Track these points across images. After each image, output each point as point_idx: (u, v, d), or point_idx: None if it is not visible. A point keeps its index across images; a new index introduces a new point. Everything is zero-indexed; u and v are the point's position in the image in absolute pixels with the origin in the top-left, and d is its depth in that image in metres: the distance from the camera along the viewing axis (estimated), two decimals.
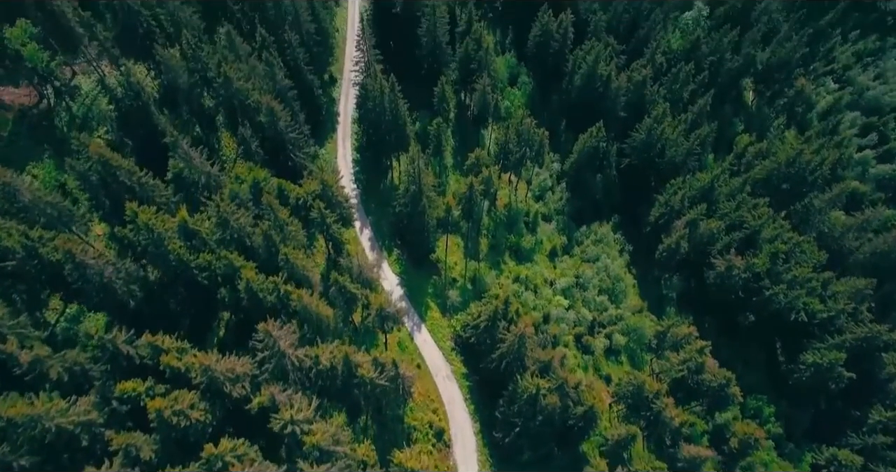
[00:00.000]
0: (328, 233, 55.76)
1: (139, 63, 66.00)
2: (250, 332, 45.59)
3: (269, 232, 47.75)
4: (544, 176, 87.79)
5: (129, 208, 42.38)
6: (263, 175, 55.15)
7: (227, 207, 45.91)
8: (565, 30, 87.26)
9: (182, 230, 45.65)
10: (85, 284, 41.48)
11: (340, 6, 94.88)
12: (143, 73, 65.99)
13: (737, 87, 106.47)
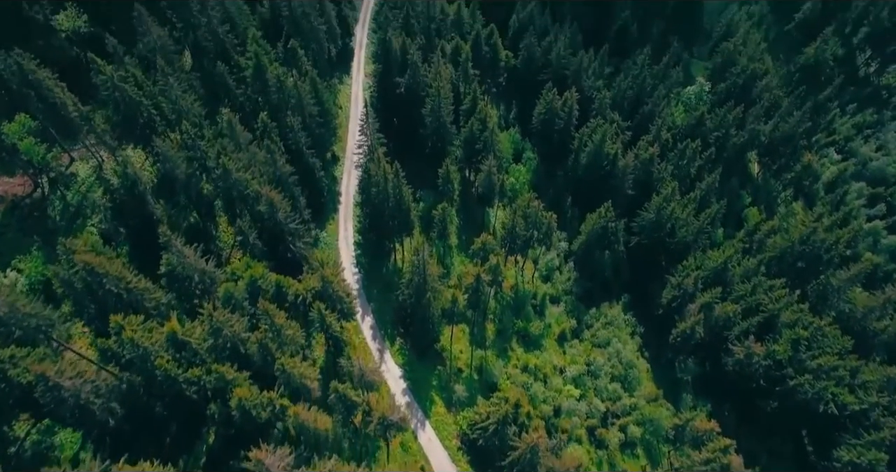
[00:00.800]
0: (328, 333, 52.37)
1: (138, 148, 64.55)
2: (240, 448, 41.57)
3: (265, 341, 44.44)
4: (551, 256, 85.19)
5: (114, 321, 39.27)
6: (261, 271, 52.31)
7: (221, 315, 42.75)
8: (570, 108, 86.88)
9: (171, 339, 42.31)
10: (59, 405, 37.82)
11: (344, 83, 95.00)
12: (140, 159, 64.43)
13: (742, 160, 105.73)
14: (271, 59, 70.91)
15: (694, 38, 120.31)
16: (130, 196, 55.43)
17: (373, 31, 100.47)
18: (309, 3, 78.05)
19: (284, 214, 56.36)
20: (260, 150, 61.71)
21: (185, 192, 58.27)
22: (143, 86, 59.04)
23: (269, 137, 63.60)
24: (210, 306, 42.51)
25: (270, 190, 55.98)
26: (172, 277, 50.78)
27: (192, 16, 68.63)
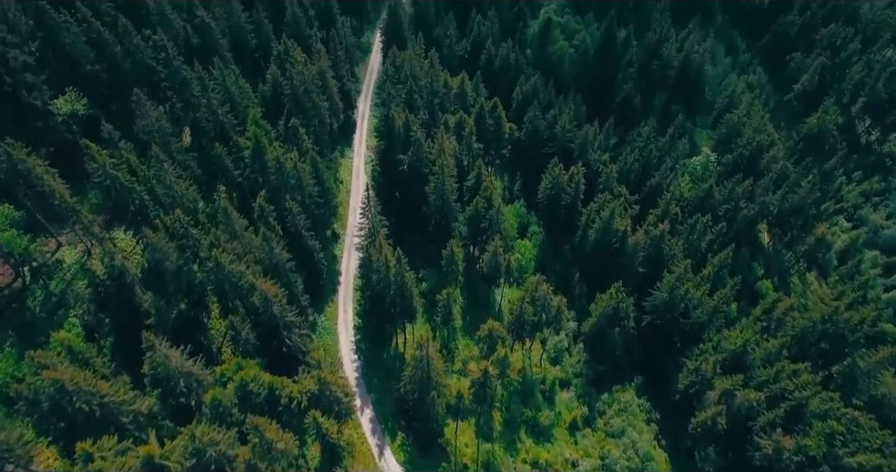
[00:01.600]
0: (325, 440, 47.84)
1: (129, 232, 61.78)
2: None
3: (254, 461, 40.04)
4: (560, 337, 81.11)
5: (81, 449, 35.11)
6: (253, 373, 48.32)
7: (205, 434, 38.54)
8: (577, 184, 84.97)
9: (147, 464, 37.91)
10: None
11: (346, 156, 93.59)
12: (131, 243, 61.58)
13: (752, 231, 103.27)
14: (271, 139, 69.27)
15: (697, 108, 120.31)
16: (117, 287, 52.29)
17: (375, 105, 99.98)
18: (311, 81, 77.19)
19: (280, 307, 52.89)
20: (256, 236, 58.96)
21: (174, 282, 55.04)
22: (136, 171, 56.89)
23: (266, 222, 61.11)
24: (192, 427, 38.35)
25: (265, 282, 52.77)
26: (156, 379, 46.90)
27: (193, 96, 67.45)
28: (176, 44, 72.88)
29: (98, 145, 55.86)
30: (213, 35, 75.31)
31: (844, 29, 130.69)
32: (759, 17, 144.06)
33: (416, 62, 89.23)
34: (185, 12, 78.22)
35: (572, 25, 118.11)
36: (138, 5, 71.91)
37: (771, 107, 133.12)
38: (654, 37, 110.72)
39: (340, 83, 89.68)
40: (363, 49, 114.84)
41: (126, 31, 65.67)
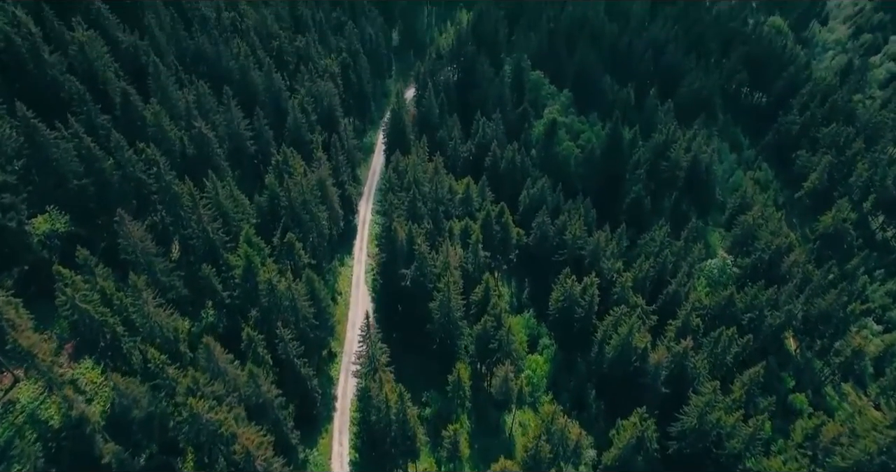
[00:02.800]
0: None
1: (98, 365, 55.40)
2: None
3: None
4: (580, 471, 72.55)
5: None
6: None
7: None
8: (591, 297, 79.52)
9: None
10: None
11: (345, 265, 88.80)
12: (98, 379, 55.03)
13: (778, 338, 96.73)
14: (265, 256, 64.65)
15: (708, 207, 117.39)
16: (73, 438, 45.45)
17: (377, 211, 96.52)
18: (310, 191, 73.74)
19: (264, 462, 45.69)
20: (243, 369, 52.69)
21: (144, 430, 48.17)
22: (112, 300, 51.51)
23: (254, 353, 55.08)
24: None
25: (248, 432, 45.95)
26: None
27: (183, 211, 63.42)
28: (170, 155, 70.24)
29: (72, 271, 50.91)
30: (209, 145, 72.74)
31: (845, 128, 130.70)
32: (760, 115, 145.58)
33: (420, 167, 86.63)
34: (183, 120, 76.24)
35: (577, 126, 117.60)
36: (134, 116, 69.58)
37: (780, 202, 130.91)
38: (661, 137, 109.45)
39: (341, 189, 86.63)
40: (366, 149, 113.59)
41: (118, 145, 62.69)
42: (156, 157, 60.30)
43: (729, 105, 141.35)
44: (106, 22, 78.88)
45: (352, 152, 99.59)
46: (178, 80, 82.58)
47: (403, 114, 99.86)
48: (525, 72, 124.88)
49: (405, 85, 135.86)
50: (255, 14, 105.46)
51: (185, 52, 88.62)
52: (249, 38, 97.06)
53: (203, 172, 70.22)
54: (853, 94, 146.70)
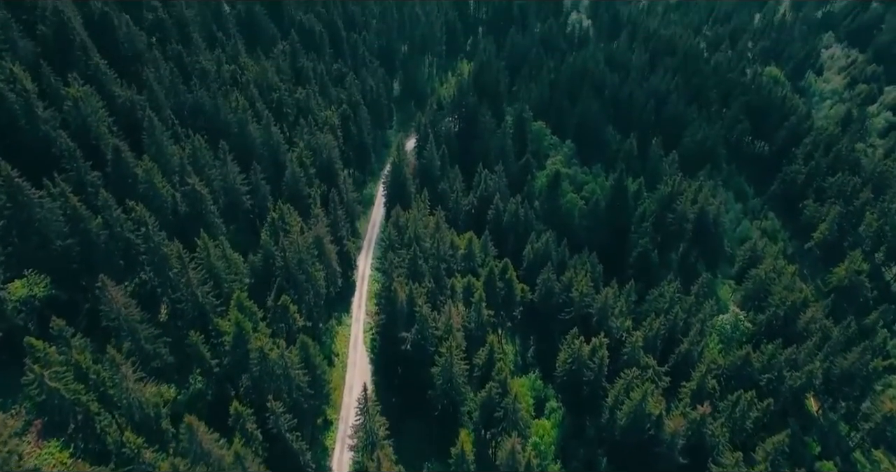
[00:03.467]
0: None
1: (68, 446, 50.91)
2: None
3: None
4: None
5: None
6: None
7: None
8: (601, 359, 75.36)
9: None
10: None
11: (343, 324, 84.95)
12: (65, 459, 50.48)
13: (799, 399, 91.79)
14: (257, 321, 61.09)
15: (716, 259, 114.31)
16: None
17: (376, 268, 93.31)
18: (307, 250, 70.77)
19: None
20: (228, 451, 48.31)
21: None
22: (88, 373, 47.66)
23: (243, 429, 50.85)
24: None
25: None
26: None
27: (172, 271, 60.19)
28: (162, 213, 67.68)
29: (46, 343, 47.29)
30: (202, 203, 70.22)
31: (851, 178, 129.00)
32: (764, 164, 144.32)
33: (421, 222, 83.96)
34: (177, 176, 73.99)
35: (580, 177, 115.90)
36: (126, 173, 67.29)
37: (789, 253, 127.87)
38: (667, 189, 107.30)
39: (340, 246, 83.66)
40: (366, 201, 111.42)
41: (107, 204, 60.09)
42: (144, 217, 57.39)
43: (732, 154, 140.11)
44: (104, 77, 77.90)
45: (351, 206, 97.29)
46: (175, 134, 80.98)
47: (404, 166, 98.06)
48: (527, 122, 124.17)
49: (406, 135, 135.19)
50: (255, 67, 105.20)
51: (183, 106, 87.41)
52: (249, 91, 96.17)
53: (195, 230, 67.55)
54: (855, 143, 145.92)
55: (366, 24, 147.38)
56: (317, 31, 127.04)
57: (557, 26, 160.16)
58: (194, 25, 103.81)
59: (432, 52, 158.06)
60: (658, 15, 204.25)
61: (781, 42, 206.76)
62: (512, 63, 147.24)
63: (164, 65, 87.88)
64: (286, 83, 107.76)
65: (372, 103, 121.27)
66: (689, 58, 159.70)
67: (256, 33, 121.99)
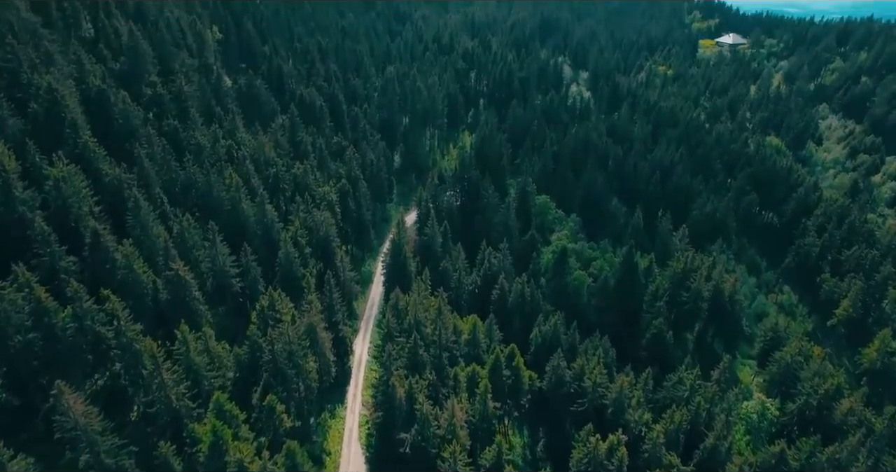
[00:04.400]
0: None
1: None
2: None
3: None
4: None
5: None
6: None
7: None
8: (620, 459, 67.76)
9: None
10: None
11: (336, 416, 77.51)
12: None
13: None
14: (238, 425, 54.42)
15: (735, 339, 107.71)
16: None
17: (373, 356, 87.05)
18: (298, 340, 64.85)
19: None
20: None
21: None
22: None
23: None
24: None
25: None
26: None
27: (144, 369, 54.18)
28: (140, 301, 62.55)
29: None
30: (186, 289, 65.11)
31: (869, 251, 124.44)
32: (774, 235, 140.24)
33: (421, 306, 78.43)
34: (161, 258, 69.29)
35: (588, 253, 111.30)
36: (104, 258, 62.57)
37: (810, 329, 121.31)
38: (679, 266, 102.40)
39: (335, 332, 77.75)
40: (364, 279, 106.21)
41: (77, 294, 54.92)
42: (118, 311, 52.06)
43: (741, 226, 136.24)
44: (92, 155, 74.89)
45: (348, 286, 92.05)
46: (163, 213, 77.11)
47: (403, 245, 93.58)
48: (531, 196, 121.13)
49: (406, 209, 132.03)
50: (253, 141, 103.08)
51: (174, 183, 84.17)
52: (244, 166, 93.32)
53: (176, 319, 62.25)
54: (866, 213, 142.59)
55: (367, 97, 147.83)
56: (317, 104, 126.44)
57: (559, 98, 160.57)
58: (192, 100, 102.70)
59: (434, 125, 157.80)
60: (657, 87, 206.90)
61: (779, 113, 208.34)
62: (514, 135, 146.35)
63: (158, 141, 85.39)
64: (284, 158, 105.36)
65: (372, 177, 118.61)
66: (692, 129, 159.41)
67: (256, 107, 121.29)
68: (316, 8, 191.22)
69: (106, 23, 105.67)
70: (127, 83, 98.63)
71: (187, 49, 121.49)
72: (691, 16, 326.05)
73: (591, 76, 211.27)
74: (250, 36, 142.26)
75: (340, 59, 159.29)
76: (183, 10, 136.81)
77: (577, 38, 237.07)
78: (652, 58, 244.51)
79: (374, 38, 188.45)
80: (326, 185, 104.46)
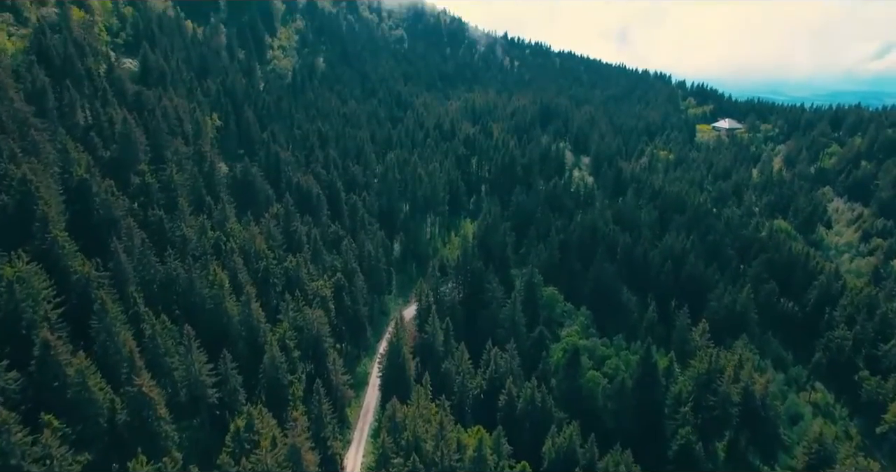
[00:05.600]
0: None
1: None
2: None
3: None
4: None
5: None
6: None
7: None
8: None
9: None
10: None
11: None
12: None
13: None
14: None
15: (772, 447, 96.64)
16: None
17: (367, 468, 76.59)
18: (278, 467, 55.26)
19: None
20: None
21: None
22: None
23: None
24: None
25: None
26: None
27: None
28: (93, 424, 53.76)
29: None
30: (150, 409, 56.35)
31: None
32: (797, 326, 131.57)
33: (421, 421, 69.13)
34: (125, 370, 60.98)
35: (601, 350, 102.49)
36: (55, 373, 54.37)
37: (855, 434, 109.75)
38: (703, 366, 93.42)
39: (322, 451, 67.96)
40: (359, 381, 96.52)
41: (4, 425, 46.20)
42: (51, 448, 43.34)
43: (763, 318, 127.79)
44: (61, 250, 68.50)
45: (340, 391, 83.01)
46: (135, 315, 69.54)
47: (402, 346, 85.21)
48: (537, 288, 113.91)
49: (406, 300, 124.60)
50: (243, 233, 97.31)
51: (153, 280, 77.34)
52: (232, 260, 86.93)
53: (135, 444, 53.31)
54: (893, 302, 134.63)
55: (367, 185, 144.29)
56: (314, 192, 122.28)
57: (563, 184, 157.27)
58: (182, 189, 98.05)
59: (434, 212, 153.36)
60: (660, 172, 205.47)
61: (784, 196, 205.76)
62: (518, 222, 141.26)
63: (138, 233, 79.42)
64: (276, 250, 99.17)
65: (370, 269, 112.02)
66: (700, 214, 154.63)
67: (251, 196, 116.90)
68: (319, 95, 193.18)
69: (101, 111, 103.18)
70: (116, 172, 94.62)
71: (183, 137, 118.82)
72: (686, 102, 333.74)
73: (593, 161, 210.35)
74: (249, 123, 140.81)
75: (341, 145, 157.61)
76: (184, 98, 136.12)
77: (577, 124, 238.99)
78: (652, 142, 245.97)
79: (375, 125, 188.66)
80: (321, 279, 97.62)
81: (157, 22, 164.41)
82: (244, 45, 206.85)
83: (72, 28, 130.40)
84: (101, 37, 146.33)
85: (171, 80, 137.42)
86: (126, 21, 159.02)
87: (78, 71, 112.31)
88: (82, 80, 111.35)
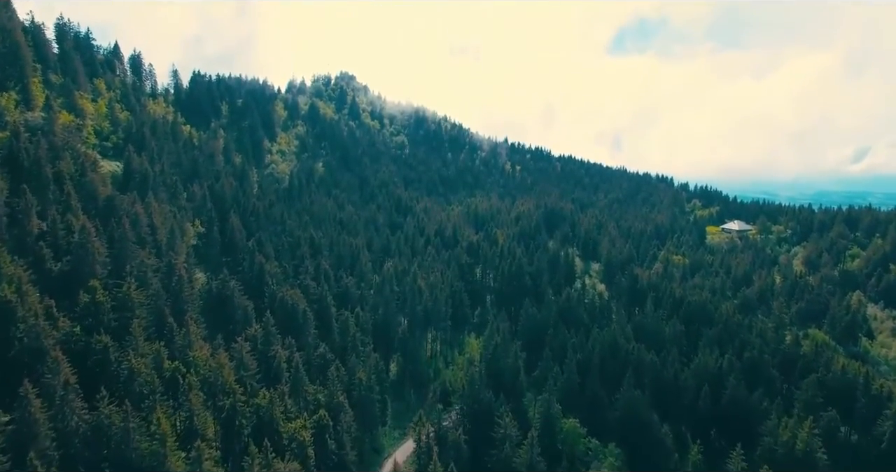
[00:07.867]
0: None
1: None
2: None
3: None
4: None
5: None
6: None
7: None
8: None
9: None
10: None
11: None
12: None
13: None
14: None
15: None
16: None
17: None
18: None
19: None
20: None
21: None
22: None
23: None
24: None
25: None
26: None
27: None
28: None
29: None
30: None
31: None
32: (870, 464, 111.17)
33: None
34: None
35: None
36: None
37: None
38: None
39: None
40: None
41: None
42: None
43: (827, 454, 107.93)
44: None
45: None
46: None
47: None
48: (556, 420, 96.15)
49: (403, 433, 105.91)
50: (210, 362, 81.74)
51: (73, 434, 60.89)
52: (189, 398, 70.92)
53: None
54: None
55: (361, 298, 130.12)
56: (300, 309, 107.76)
57: (576, 296, 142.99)
58: (140, 310, 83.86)
59: (436, 327, 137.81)
60: (676, 279, 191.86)
61: (815, 303, 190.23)
62: (529, 339, 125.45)
63: (64, 370, 64.07)
64: (248, 382, 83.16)
65: (360, 400, 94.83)
66: (731, 327, 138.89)
67: (227, 314, 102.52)
68: (315, 200, 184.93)
69: (58, 218, 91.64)
70: (65, 288, 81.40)
71: (155, 246, 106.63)
72: (691, 204, 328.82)
73: (604, 268, 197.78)
74: (234, 229, 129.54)
75: (335, 253, 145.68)
76: (166, 204, 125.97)
77: (585, 228, 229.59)
78: (664, 247, 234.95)
79: (373, 231, 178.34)
80: (299, 418, 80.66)
81: (151, 126, 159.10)
82: (241, 150, 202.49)
83: (55, 132, 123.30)
84: (88, 140, 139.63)
85: (152, 184, 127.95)
86: (119, 125, 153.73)
87: (45, 175, 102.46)
88: (48, 184, 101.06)
